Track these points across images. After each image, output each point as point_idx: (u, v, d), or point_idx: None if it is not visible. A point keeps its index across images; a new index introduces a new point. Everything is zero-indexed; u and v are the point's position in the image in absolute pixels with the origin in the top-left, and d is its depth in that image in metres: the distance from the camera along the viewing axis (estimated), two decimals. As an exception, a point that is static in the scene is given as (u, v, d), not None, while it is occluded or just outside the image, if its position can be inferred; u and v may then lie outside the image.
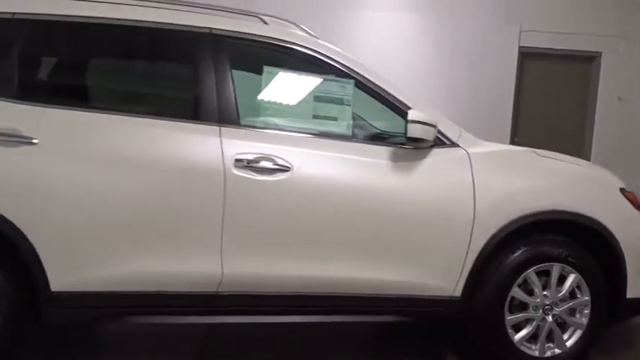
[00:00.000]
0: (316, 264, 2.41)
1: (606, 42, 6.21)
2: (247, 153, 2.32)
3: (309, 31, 2.72)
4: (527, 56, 6.23)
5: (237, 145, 2.33)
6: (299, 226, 2.38)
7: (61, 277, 2.21)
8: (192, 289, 2.34)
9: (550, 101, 6.33)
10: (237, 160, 2.30)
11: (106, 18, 2.37)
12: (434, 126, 2.43)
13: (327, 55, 2.58)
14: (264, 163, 2.33)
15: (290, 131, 2.45)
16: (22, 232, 2.14)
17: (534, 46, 6.17)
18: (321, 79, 2.55)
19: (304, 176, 2.36)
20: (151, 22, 2.41)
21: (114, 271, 2.25)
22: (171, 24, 2.43)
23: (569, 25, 6.13)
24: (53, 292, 2.21)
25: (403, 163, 2.50)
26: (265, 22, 2.65)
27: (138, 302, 2.32)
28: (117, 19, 2.37)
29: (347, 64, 2.58)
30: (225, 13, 2.62)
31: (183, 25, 2.44)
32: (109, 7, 2.40)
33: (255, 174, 2.32)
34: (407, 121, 2.38)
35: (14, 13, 2.31)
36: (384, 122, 2.90)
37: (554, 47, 6.20)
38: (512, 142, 5.90)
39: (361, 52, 4.22)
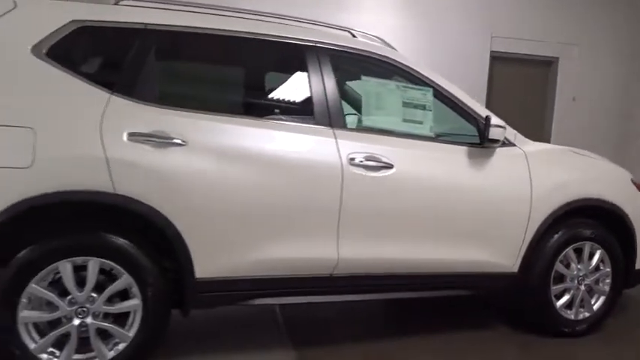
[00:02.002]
0: (413, 247, 2.80)
1: (563, 48, 6.99)
2: (358, 152, 2.67)
3: (389, 44, 3.08)
4: (497, 60, 6.88)
5: (349, 145, 2.66)
6: (400, 215, 2.76)
7: (204, 265, 2.45)
8: (311, 272, 2.65)
9: (515, 100, 7.03)
10: (350, 159, 2.64)
11: (230, 30, 2.61)
12: (505, 129, 2.90)
13: (410, 66, 2.96)
14: (372, 162, 2.68)
15: (387, 133, 2.81)
16: (172, 224, 2.37)
17: (503, 50, 6.84)
18: (407, 88, 2.93)
19: (404, 172, 2.74)
20: (266, 34, 2.68)
21: (249, 258, 2.52)
22: (282, 36, 2.72)
23: (532, 33, 6.83)
24: (197, 279, 2.45)
25: (477, 160, 2.94)
26: (354, 36, 2.99)
27: (267, 286, 2.60)
28: (242, 31, 2.62)
29: (427, 75, 2.98)
30: (317, 26, 2.92)
31: (292, 38, 2.73)
32: (232, 20, 2.65)
33: (365, 171, 2.67)
34: (490, 125, 2.82)
35: (146, 24, 2.50)
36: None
37: (519, 52, 6.90)
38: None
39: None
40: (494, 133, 2.84)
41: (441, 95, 3.00)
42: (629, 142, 7.05)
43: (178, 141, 2.37)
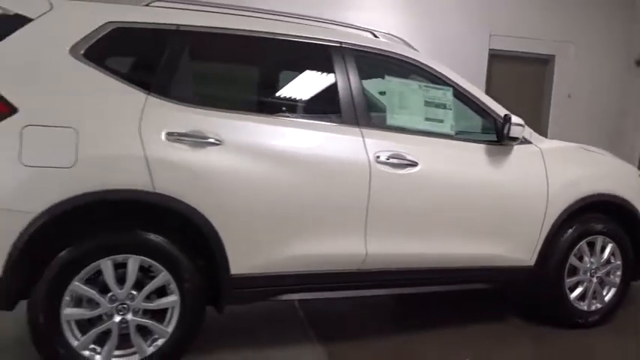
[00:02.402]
0: (436, 242, 2.88)
1: (559, 47, 7.13)
2: (384, 151, 2.74)
3: (410, 44, 3.15)
4: (495, 57, 7.00)
5: (375, 144, 2.73)
6: (424, 211, 2.84)
7: (239, 262, 2.50)
8: (340, 268, 2.72)
9: (512, 97, 7.14)
10: (377, 157, 2.71)
11: (260, 32, 2.67)
12: (524, 127, 2.99)
13: (431, 66, 3.04)
14: (397, 160, 2.75)
15: (411, 132, 2.89)
16: (209, 222, 2.41)
17: (501, 48, 6.95)
18: (429, 87, 3.00)
19: (428, 170, 2.82)
20: (295, 35, 2.74)
21: (281, 255, 2.58)
22: (312, 37, 2.77)
23: (529, 31, 6.96)
24: (232, 276, 2.50)
25: (496, 157, 3.03)
26: (376, 36, 3.06)
27: (298, 281, 2.66)
28: (273, 32, 2.68)
29: (447, 75, 3.06)
30: (340, 27, 2.98)
31: (321, 39, 2.79)
32: (262, 22, 2.70)
33: (391, 168, 2.74)
34: (511, 124, 2.91)
35: (179, 25, 2.54)
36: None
37: (517, 50, 7.02)
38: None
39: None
40: (514, 131, 2.93)
41: (461, 94, 3.08)
42: (623, 138, 7.21)
43: (214, 140, 2.42)
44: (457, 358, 2.87)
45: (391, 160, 2.74)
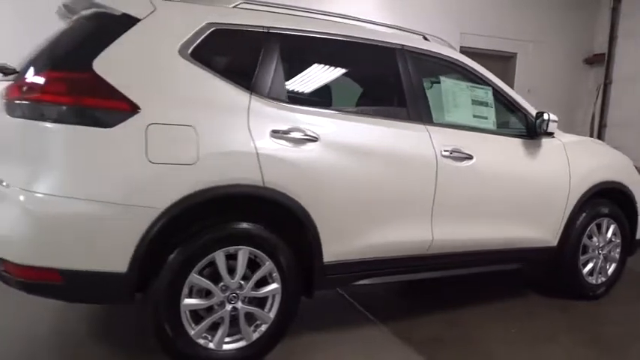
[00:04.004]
0: (488, 227, 3.21)
1: (520, 45, 7.73)
2: (446, 145, 3.01)
3: (452, 45, 3.44)
4: (465, 54, 7.40)
5: (439, 139, 3.00)
6: (478, 199, 3.15)
7: (329, 250, 2.69)
8: (411, 252, 2.98)
9: (479, 92, 7.68)
10: (442, 151, 2.98)
11: (338, 34, 2.85)
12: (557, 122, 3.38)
13: (475, 67, 3.35)
14: (457, 153, 3.04)
15: (463, 128, 3.18)
16: (308, 213, 2.59)
17: (470, 46, 7.42)
18: (474, 87, 3.31)
19: (481, 162, 3.12)
20: (373, 39, 2.96)
21: (364, 242, 2.80)
22: (383, 41, 2.99)
23: (495, 31, 7.50)
24: (324, 263, 2.69)
25: (531, 150, 3.40)
26: (427, 39, 3.32)
27: (376, 266, 2.89)
28: (350, 36, 2.88)
29: (487, 76, 3.38)
30: (397, 30, 3.22)
31: (389, 43, 3.02)
32: (339, 25, 2.89)
33: (452, 161, 3.02)
34: (549, 120, 3.28)
35: (268, 28, 2.68)
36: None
37: (484, 48, 7.53)
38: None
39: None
40: (551, 127, 3.30)
41: (497, 93, 3.41)
42: (574, 129, 7.94)
43: (311, 137, 2.58)
44: (504, 329, 3.21)
45: (453, 154, 3.02)
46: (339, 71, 3.04)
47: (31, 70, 2.28)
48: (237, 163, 2.40)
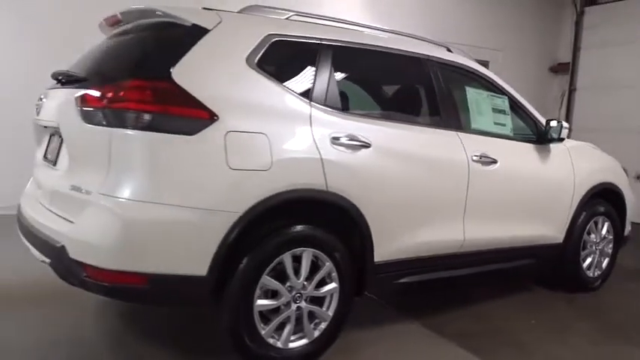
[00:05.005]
0: (509, 226, 3.46)
1: (491, 53, 8.16)
2: (475, 151, 3.23)
3: (472, 57, 3.67)
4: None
5: (469, 145, 3.22)
6: (502, 200, 3.40)
7: (380, 250, 2.85)
8: (446, 251, 3.18)
9: (454, 98, 8.04)
10: (472, 156, 3.20)
11: (380, 46, 3.02)
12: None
13: (493, 78, 3.60)
14: (485, 158, 3.27)
15: (487, 134, 3.41)
16: (363, 216, 2.73)
17: (447, 54, 7.77)
18: (493, 96, 3.55)
19: (504, 166, 3.36)
20: (414, 52, 3.16)
21: (407, 242, 2.96)
22: (414, 52, 3.18)
23: (470, 40, 7.88)
24: (375, 263, 2.84)
25: (542, 154, 3.68)
26: (450, 50, 3.53)
27: (418, 264, 3.07)
28: (393, 48, 3.05)
29: (503, 85, 3.64)
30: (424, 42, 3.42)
31: (421, 54, 3.21)
32: (384, 38, 3.05)
33: (481, 166, 3.24)
34: (563, 127, 3.56)
35: (321, 39, 2.81)
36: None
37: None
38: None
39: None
40: (564, 133, 3.59)
41: (511, 101, 3.67)
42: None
43: (365, 143, 2.73)
44: (524, 321, 3.46)
45: (482, 159, 3.24)
46: (382, 80, 3.21)
47: (108, 78, 2.32)
48: (305, 169, 2.51)
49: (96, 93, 2.27)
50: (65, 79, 2.67)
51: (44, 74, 2.95)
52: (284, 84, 2.59)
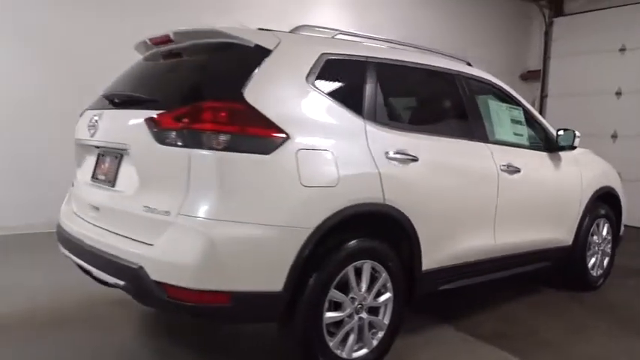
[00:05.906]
0: (531, 230, 3.66)
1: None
2: (502, 160, 3.41)
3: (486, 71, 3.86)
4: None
5: (497, 155, 3.39)
6: (525, 207, 3.59)
7: (427, 258, 2.96)
8: (480, 257, 3.32)
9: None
10: (500, 166, 3.37)
11: (417, 63, 3.15)
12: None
13: (509, 91, 3.79)
14: (510, 167, 3.45)
15: (509, 144, 3.59)
16: (414, 227, 2.84)
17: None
18: (511, 108, 3.75)
19: (527, 175, 3.55)
20: (450, 69, 3.33)
21: (449, 251, 3.09)
22: (447, 68, 3.33)
23: (444, 48, 8.17)
24: (422, 271, 2.95)
25: (555, 162, 3.90)
26: (470, 64, 3.70)
27: (458, 271, 3.20)
28: (431, 65, 3.20)
29: (517, 97, 3.84)
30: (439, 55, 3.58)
31: (452, 70, 3.36)
32: (423, 55, 3.19)
33: (508, 175, 3.42)
34: (576, 136, 3.79)
35: (367, 57, 2.91)
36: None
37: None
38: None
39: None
40: (577, 142, 3.82)
41: (526, 113, 3.88)
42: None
43: (413, 157, 2.84)
44: (548, 321, 3.65)
45: (509, 168, 3.42)
46: (420, 95, 3.34)
47: (180, 100, 2.34)
48: (367, 184, 2.60)
49: (171, 114, 2.28)
50: (121, 100, 2.66)
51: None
52: (339, 101, 2.67)
